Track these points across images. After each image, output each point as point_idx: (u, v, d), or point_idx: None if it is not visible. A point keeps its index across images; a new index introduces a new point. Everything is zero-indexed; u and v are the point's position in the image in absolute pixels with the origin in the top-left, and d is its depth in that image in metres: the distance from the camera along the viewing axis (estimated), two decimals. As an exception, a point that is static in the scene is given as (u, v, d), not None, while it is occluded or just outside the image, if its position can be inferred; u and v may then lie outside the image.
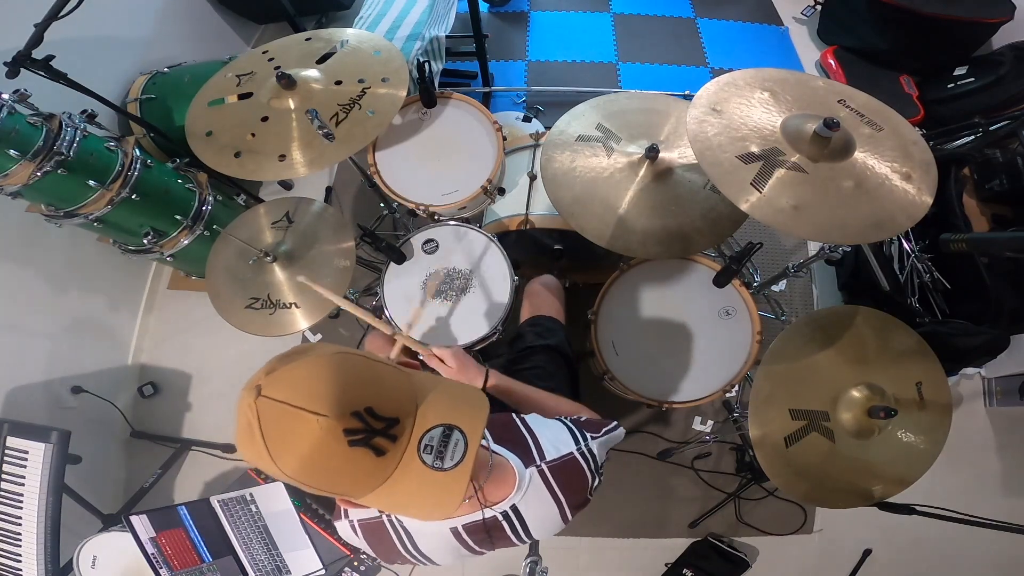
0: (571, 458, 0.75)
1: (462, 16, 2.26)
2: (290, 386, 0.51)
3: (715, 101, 1.12)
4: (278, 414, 0.50)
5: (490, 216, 1.68)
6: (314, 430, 0.50)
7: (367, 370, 0.56)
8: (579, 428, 0.80)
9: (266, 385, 0.51)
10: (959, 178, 1.78)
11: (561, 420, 0.83)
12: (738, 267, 1.31)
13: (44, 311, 1.79)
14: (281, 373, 0.52)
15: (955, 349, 1.55)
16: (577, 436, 0.77)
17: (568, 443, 0.76)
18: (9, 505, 1.42)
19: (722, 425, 1.97)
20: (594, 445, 0.77)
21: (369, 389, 0.54)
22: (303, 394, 0.51)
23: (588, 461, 0.75)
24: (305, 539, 1.41)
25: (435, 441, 0.54)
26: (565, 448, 0.75)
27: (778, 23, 2.89)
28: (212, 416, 2.10)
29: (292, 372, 0.52)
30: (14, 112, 1.32)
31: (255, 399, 0.50)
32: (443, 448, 0.54)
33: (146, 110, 1.88)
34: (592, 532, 1.91)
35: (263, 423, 0.50)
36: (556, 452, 0.75)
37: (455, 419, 0.56)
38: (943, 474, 1.18)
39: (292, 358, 0.54)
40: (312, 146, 1.29)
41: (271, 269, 1.35)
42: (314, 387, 0.51)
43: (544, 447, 0.75)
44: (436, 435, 0.54)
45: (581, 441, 0.77)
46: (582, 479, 0.74)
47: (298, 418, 0.50)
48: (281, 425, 0.50)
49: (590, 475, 0.75)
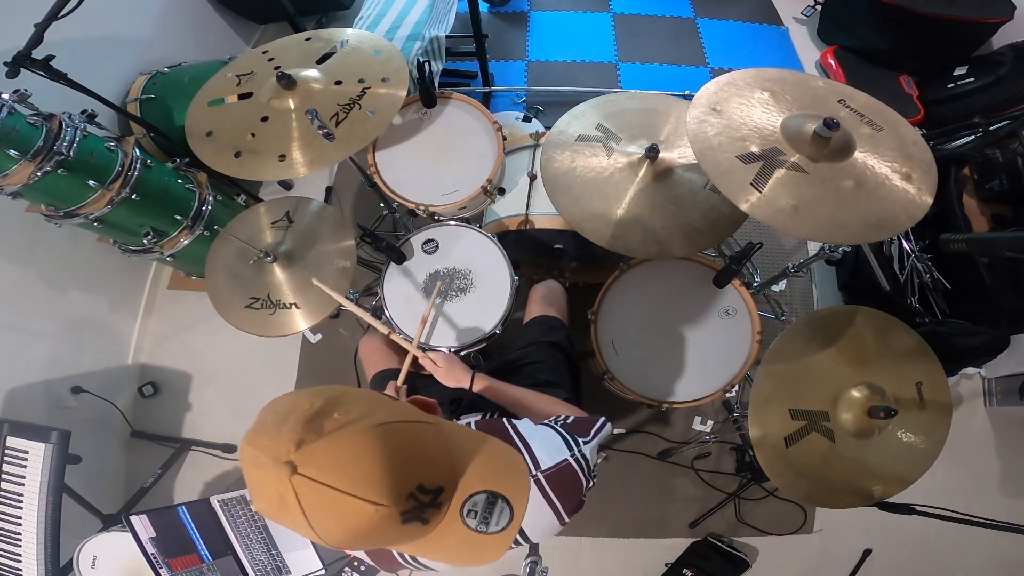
0: (566, 465, 0.75)
1: (462, 16, 2.26)
2: (335, 468, 0.48)
3: (715, 101, 1.12)
4: (325, 498, 0.47)
5: (490, 216, 1.68)
6: (370, 515, 0.48)
7: (412, 441, 0.54)
8: (571, 433, 0.80)
9: (301, 462, 0.47)
10: (959, 178, 1.78)
11: (551, 426, 0.83)
12: (738, 267, 1.31)
13: (44, 311, 1.79)
14: (319, 450, 0.48)
15: (955, 349, 1.55)
16: (570, 442, 0.78)
17: (562, 450, 0.76)
18: (9, 505, 1.42)
19: (722, 425, 1.97)
20: (587, 450, 0.77)
21: (416, 464, 0.53)
22: (352, 479, 0.48)
23: (582, 466, 0.76)
24: (305, 539, 1.41)
25: (479, 507, 0.55)
26: (559, 456, 0.76)
27: (778, 23, 2.89)
28: (212, 416, 2.10)
29: (333, 451, 0.48)
30: (14, 112, 1.32)
31: (290, 476, 0.46)
32: (488, 514, 0.55)
33: (146, 110, 1.88)
34: (592, 532, 1.91)
35: (303, 501, 0.47)
36: (551, 460, 0.75)
37: (499, 486, 0.56)
38: (943, 474, 1.18)
39: (321, 423, 0.50)
40: (312, 146, 1.29)
41: (271, 269, 1.35)
42: (364, 472, 0.48)
43: (539, 456, 0.75)
44: (480, 501, 0.55)
45: (574, 447, 0.77)
46: (577, 484, 0.75)
47: (350, 504, 0.48)
48: (328, 506, 0.48)
49: (584, 479, 0.75)
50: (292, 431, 0.48)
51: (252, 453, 0.49)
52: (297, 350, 2.15)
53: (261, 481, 0.49)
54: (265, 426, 0.51)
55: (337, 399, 0.53)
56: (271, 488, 0.48)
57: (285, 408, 0.52)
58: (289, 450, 0.47)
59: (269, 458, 0.48)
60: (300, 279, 1.34)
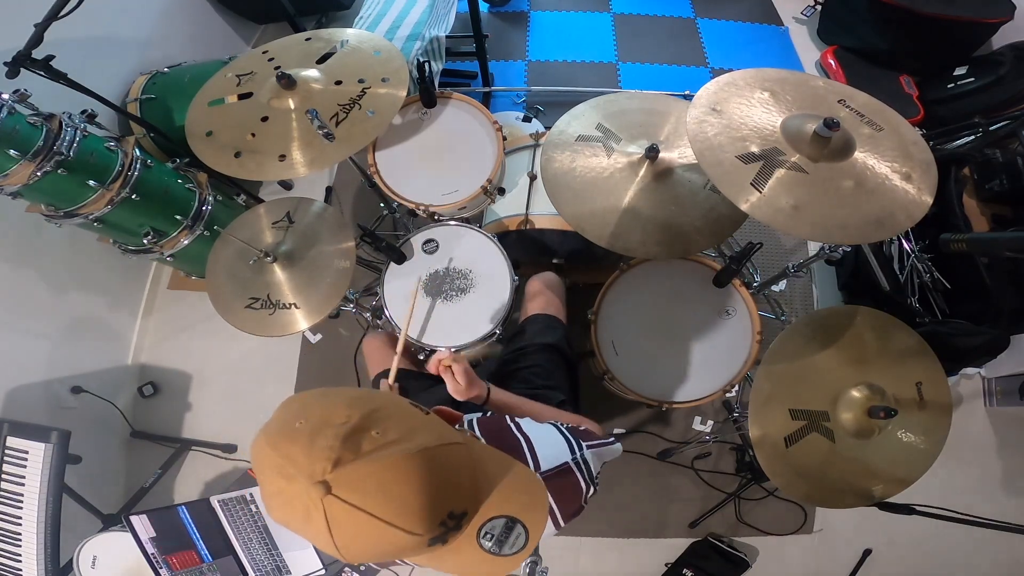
0: (566, 467, 0.74)
1: (462, 16, 2.26)
2: (372, 493, 0.46)
3: (715, 101, 1.12)
4: (357, 521, 0.46)
5: (490, 216, 1.68)
6: (402, 541, 0.48)
7: (447, 466, 0.52)
8: (575, 436, 0.79)
9: (337, 483, 0.45)
10: (959, 178, 1.78)
11: (556, 425, 0.82)
12: (738, 267, 1.31)
13: (44, 311, 1.79)
14: (356, 472, 0.46)
15: (955, 349, 1.55)
16: (572, 445, 0.77)
17: (563, 452, 0.76)
18: (9, 505, 1.42)
19: (722, 425, 1.97)
20: (588, 455, 0.76)
21: (449, 490, 0.52)
22: (389, 508, 0.47)
23: (582, 470, 0.75)
24: (305, 539, 1.41)
25: (496, 530, 0.54)
26: (560, 457, 0.75)
27: (778, 23, 2.89)
28: (212, 416, 2.10)
29: (372, 475, 0.47)
30: (14, 112, 1.32)
31: (322, 496, 0.45)
32: (504, 538, 0.54)
33: (146, 110, 1.88)
34: (592, 532, 1.91)
35: (332, 520, 0.46)
36: (551, 462, 0.74)
37: (519, 512, 0.56)
38: (943, 474, 1.19)
39: (359, 441, 0.47)
40: (312, 146, 1.29)
41: (271, 269, 1.35)
42: (401, 501, 0.47)
43: (540, 456, 0.75)
44: (499, 525, 0.54)
45: (576, 450, 0.76)
46: (576, 488, 0.74)
47: (383, 530, 0.46)
48: (359, 529, 0.47)
49: (584, 484, 0.74)
50: (329, 448, 0.46)
51: (277, 461, 0.47)
52: (297, 350, 2.15)
53: (285, 493, 0.47)
54: (294, 434, 0.48)
55: (374, 413, 0.51)
56: (296, 501, 0.46)
57: (319, 417, 0.49)
58: (325, 468, 0.45)
59: (301, 473, 0.46)
60: (300, 279, 1.34)
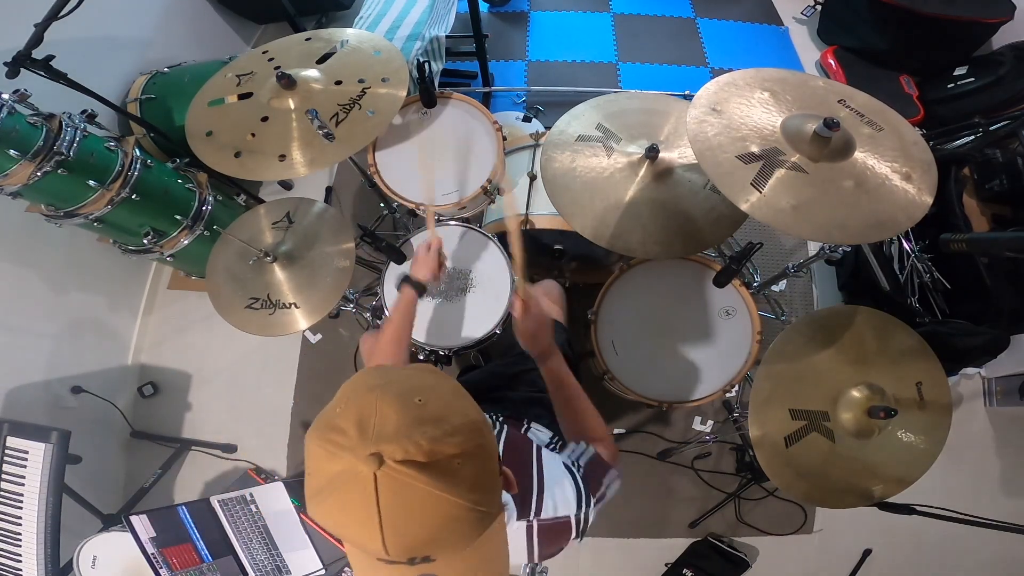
0: (565, 521, 0.74)
1: (462, 16, 2.26)
2: (399, 499, 0.46)
3: (715, 101, 1.12)
4: (362, 505, 0.46)
5: (490, 216, 1.68)
6: (369, 544, 0.47)
7: (469, 529, 0.51)
8: (586, 488, 0.78)
9: (387, 472, 0.46)
10: (959, 178, 1.78)
11: (571, 472, 0.80)
12: (738, 267, 1.31)
13: (44, 311, 1.79)
14: (411, 476, 0.46)
15: (955, 349, 1.55)
16: (581, 500, 0.76)
17: (570, 506, 0.75)
18: (9, 505, 1.42)
19: (722, 425, 1.97)
20: (592, 513, 0.77)
21: (449, 544, 0.50)
22: (398, 521, 0.47)
23: (580, 526, 0.75)
24: (305, 539, 1.41)
25: None
26: (564, 511, 0.75)
27: (778, 23, 2.89)
28: (212, 416, 2.10)
29: (416, 489, 0.47)
30: (14, 112, 1.32)
31: (370, 468, 0.45)
32: None
33: (146, 110, 1.88)
34: (592, 532, 1.89)
35: (345, 489, 0.47)
36: (553, 512, 0.74)
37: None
38: (943, 474, 1.18)
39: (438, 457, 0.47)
40: (312, 146, 1.29)
41: (271, 269, 1.35)
42: (412, 525, 0.47)
43: (545, 505, 0.74)
44: None
45: (583, 507, 0.76)
46: (564, 539, 0.74)
47: (369, 524, 0.46)
48: (353, 511, 0.47)
49: (575, 535, 0.75)
50: (416, 446, 0.46)
51: (369, 415, 0.48)
52: (297, 350, 2.15)
53: (347, 436, 0.47)
54: (406, 408, 0.49)
55: (475, 450, 0.50)
56: (345, 452, 0.46)
57: (437, 411, 0.50)
58: (394, 453, 0.46)
59: (375, 439, 0.46)
60: (300, 279, 1.34)
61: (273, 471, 1.98)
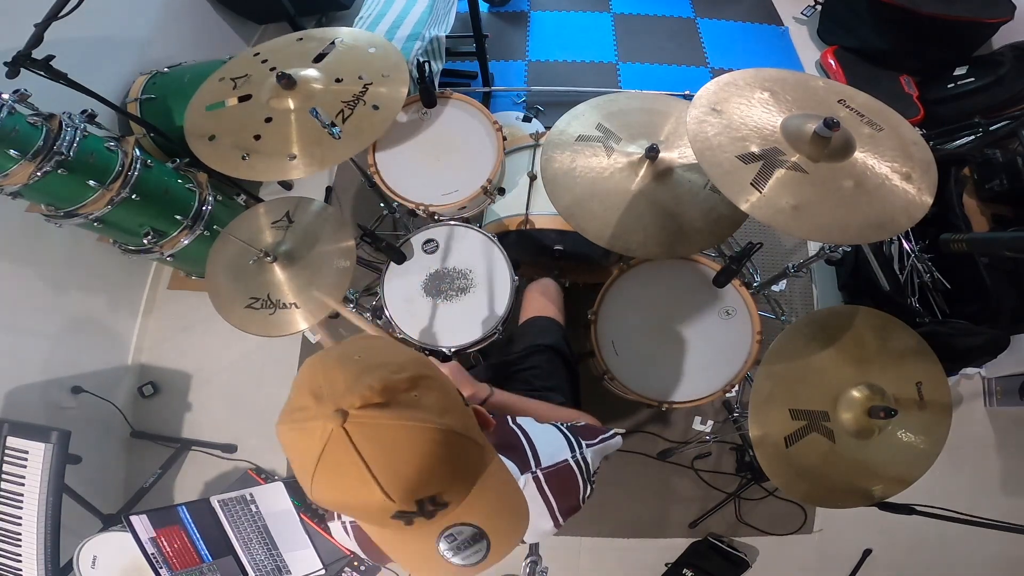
0: (565, 465, 0.74)
1: (462, 16, 2.26)
2: (380, 444, 0.47)
3: (715, 101, 1.12)
4: (347, 460, 0.46)
5: (490, 216, 1.68)
6: (374, 499, 0.47)
7: (456, 456, 0.51)
8: (575, 435, 0.79)
9: (355, 420, 0.46)
10: (959, 178, 1.78)
11: (556, 425, 0.82)
12: (738, 267, 1.31)
13: (44, 311, 1.79)
14: (378, 419, 0.47)
15: (955, 349, 1.55)
16: (572, 443, 0.77)
17: (563, 450, 0.76)
18: (9, 505, 1.42)
19: (722, 425, 1.97)
20: (588, 453, 0.77)
21: (446, 477, 0.51)
22: (383, 465, 0.47)
23: (581, 468, 0.75)
24: (305, 539, 1.41)
25: (461, 536, 0.52)
26: (560, 455, 0.75)
27: (778, 23, 2.89)
28: (212, 416, 2.10)
29: (390, 428, 0.48)
30: (14, 112, 1.32)
31: (335, 424, 0.46)
32: (464, 547, 0.52)
33: (146, 110, 1.88)
34: (592, 532, 1.91)
35: (328, 449, 0.47)
36: (551, 459, 0.75)
37: (493, 529, 0.54)
38: (943, 474, 1.18)
39: (395, 392, 0.49)
40: (320, 144, 1.29)
41: (271, 269, 1.35)
42: (398, 464, 0.47)
43: (540, 453, 0.75)
44: (467, 532, 0.52)
45: (576, 449, 0.76)
46: (574, 486, 0.74)
47: (364, 481, 0.46)
48: (343, 470, 0.47)
49: (582, 483, 0.75)
50: (369, 387, 0.48)
51: (319, 380, 0.49)
52: (297, 350, 2.15)
53: (307, 409, 0.48)
54: (347, 363, 0.50)
55: (424, 379, 0.52)
56: (312, 421, 0.47)
57: (378, 358, 0.52)
58: (353, 403, 0.47)
59: (332, 396, 0.48)
60: (300, 279, 1.34)
61: (273, 471, 1.98)
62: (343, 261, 1.34)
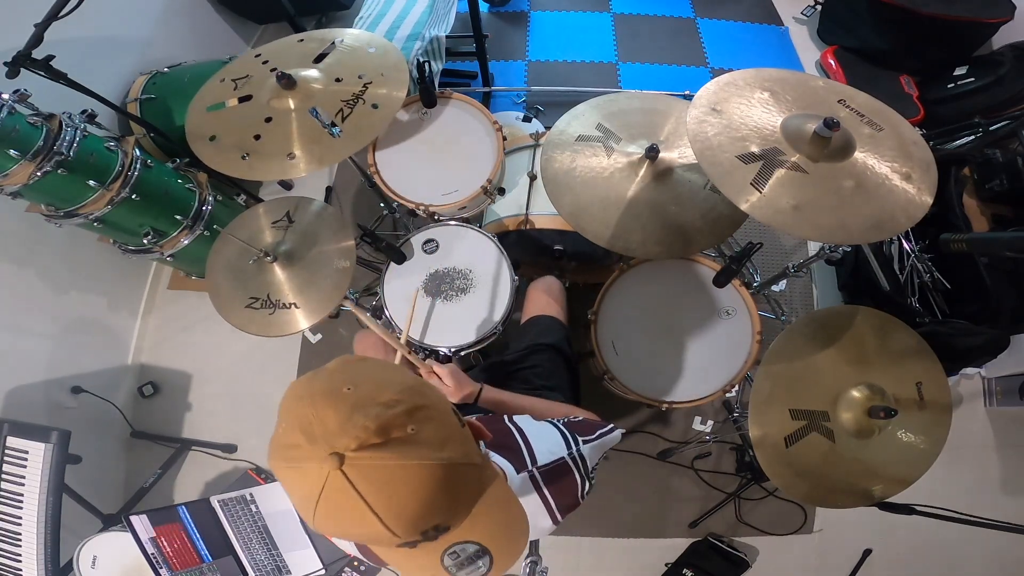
0: (562, 462, 0.75)
1: (462, 16, 2.26)
2: (379, 485, 0.46)
3: (715, 101, 1.12)
4: (347, 500, 0.45)
5: (490, 216, 1.68)
6: (377, 534, 0.47)
7: (457, 486, 0.50)
8: (571, 431, 0.79)
9: (352, 463, 0.45)
10: (959, 178, 1.78)
11: (552, 423, 0.82)
12: (738, 267, 1.31)
13: (44, 311, 1.79)
14: (375, 460, 0.46)
15: (955, 349, 1.55)
16: (568, 440, 0.77)
17: (560, 447, 0.76)
18: (9, 505, 1.42)
19: (722, 425, 1.97)
20: (585, 449, 0.77)
21: (448, 507, 0.50)
22: (386, 505, 0.46)
23: (578, 465, 0.75)
24: (305, 539, 1.41)
25: (464, 554, 0.53)
26: (556, 452, 0.75)
27: (778, 23, 2.89)
28: (212, 416, 2.10)
29: (387, 469, 0.46)
30: (14, 112, 1.32)
31: (332, 468, 0.45)
32: (467, 563, 0.53)
33: (146, 110, 1.88)
34: (592, 532, 1.91)
35: (327, 490, 0.46)
36: (548, 457, 0.75)
37: (495, 547, 0.54)
38: (943, 474, 1.19)
39: (390, 430, 0.47)
40: (320, 143, 1.29)
41: (271, 269, 1.35)
42: (401, 504, 0.47)
43: (536, 451, 0.75)
44: (469, 550, 0.53)
45: (572, 445, 0.76)
46: (572, 483, 0.74)
47: (367, 518, 0.46)
48: (345, 509, 0.46)
49: (580, 479, 0.75)
50: (363, 428, 0.45)
51: (309, 418, 0.47)
52: (297, 350, 2.15)
53: (300, 448, 0.47)
54: (338, 399, 0.48)
55: (419, 411, 0.50)
56: (307, 462, 0.46)
57: (368, 391, 0.49)
58: (348, 445, 0.45)
59: (325, 438, 0.46)
60: (300, 279, 1.34)
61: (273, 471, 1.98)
62: (343, 261, 1.34)
